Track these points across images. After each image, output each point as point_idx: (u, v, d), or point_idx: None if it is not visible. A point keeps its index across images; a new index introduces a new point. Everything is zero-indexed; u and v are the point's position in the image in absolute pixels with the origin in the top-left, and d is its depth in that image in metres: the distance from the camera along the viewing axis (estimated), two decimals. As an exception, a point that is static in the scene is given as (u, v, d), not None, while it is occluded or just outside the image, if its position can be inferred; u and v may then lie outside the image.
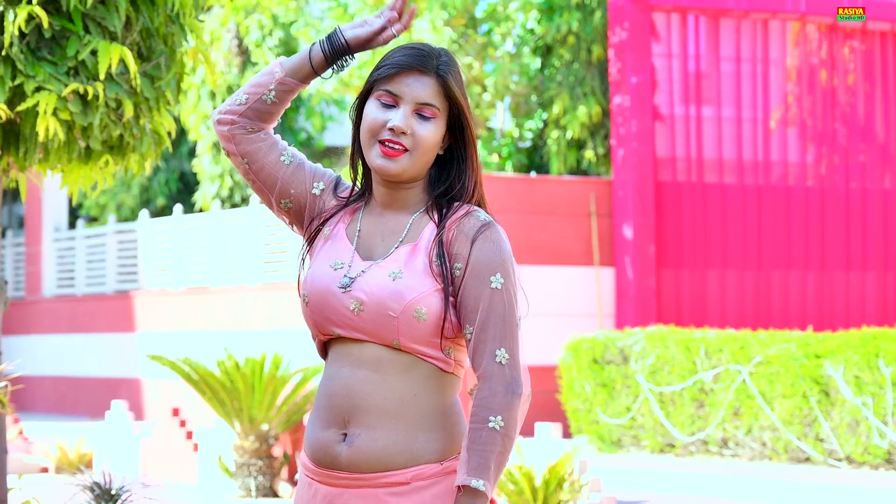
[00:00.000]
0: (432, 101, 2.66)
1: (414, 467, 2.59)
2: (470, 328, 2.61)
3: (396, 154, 2.64)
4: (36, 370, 20.12)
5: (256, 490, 10.49)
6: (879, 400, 11.03)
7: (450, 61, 2.70)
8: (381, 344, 2.61)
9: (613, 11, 15.76)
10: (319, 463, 2.65)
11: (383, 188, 2.71)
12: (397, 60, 2.67)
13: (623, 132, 15.72)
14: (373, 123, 2.66)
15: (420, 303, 2.60)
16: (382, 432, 2.59)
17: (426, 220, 2.69)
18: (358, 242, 2.70)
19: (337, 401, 2.63)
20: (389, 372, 2.61)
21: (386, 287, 2.61)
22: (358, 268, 2.66)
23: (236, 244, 17.26)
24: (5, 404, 5.47)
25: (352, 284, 2.63)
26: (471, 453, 2.53)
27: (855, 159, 16.61)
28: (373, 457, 2.59)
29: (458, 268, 2.63)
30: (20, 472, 11.49)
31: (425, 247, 2.65)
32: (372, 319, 2.61)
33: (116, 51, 5.15)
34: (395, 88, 2.66)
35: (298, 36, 17.28)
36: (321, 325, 2.67)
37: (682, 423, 12.40)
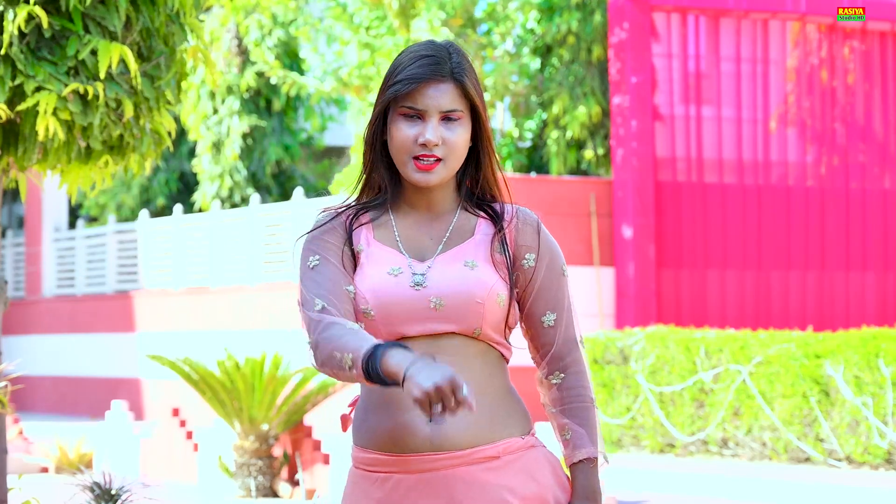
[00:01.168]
0: (456, 106, 2.68)
1: (501, 441, 2.65)
2: (552, 314, 2.74)
3: (432, 167, 2.67)
4: (36, 370, 20.12)
5: (256, 490, 10.49)
6: (879, 400, 11.03)
7: (462, 59, 2.71)
8: (459, 334, 2.65)
9: (613, 11, 15.76)
10: (402, 449, 2.62)
11: (418, 194, 2.73)
12: (412, 74, 2.67)
13: (623, 132, 15.72)
14: (404, 142, 2.67)
15: (499, 288, 2.67)
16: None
17: (472, 217, 2.75)
18: (402, 245, 2.71)
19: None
20: (467, 357, 2.65)
21: (467, 277, 2.65)
22: (421, 267, 2.68)
23: (236, 244, 17.26)
24: (5, 404, 5.47)
25: (425, 282, 2.65)
26: (587, 429, 2.71)
27: (855, 159, 16.62)
28: (465, 431, 2.62)
29: (532, 257, 2.72)
30: (20, 472, 11.49)
31: (484, 240, 2.71)
32: (456, 311, 2.64)
33: (116, 50, 5.15)
34: (418, 103, 2.67)
35: (298, 35, 17.28)
36: (390, 332, 2.65)
37: (682, 423, 12.40)
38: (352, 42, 16.58)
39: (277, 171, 20.62)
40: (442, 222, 2.73)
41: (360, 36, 16.49)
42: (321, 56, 17.13)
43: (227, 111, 19.89)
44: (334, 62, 16.90)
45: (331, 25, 16.85)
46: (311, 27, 17.07)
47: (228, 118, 19.90)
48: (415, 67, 2.67)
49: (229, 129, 19.87)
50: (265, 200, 19.86)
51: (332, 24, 16.83)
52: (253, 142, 20.10)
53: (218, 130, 19.94)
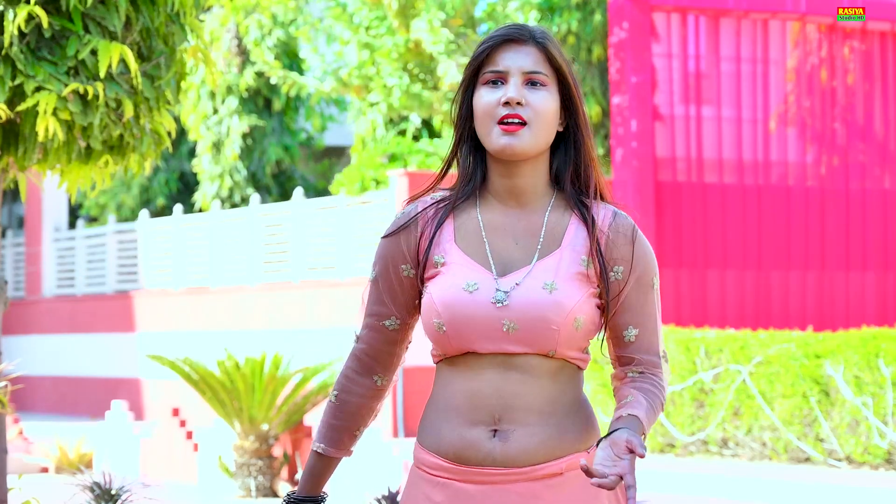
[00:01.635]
0: (539, 69, 2.59)
1: (565, 457, 2.61)
2: (634, 330, 2.65)
3: (517, 128, 2.56)
4: (36, 370, 20.11)
5: (256, 490, 10.49)
6: (879, 400, 11.03)
7: (546, 32, 2.64)
8: (533, 354, 2.59)
9: (613, 11, 15.76)
10: (465, 461, 2.59)
11: (506, 179, 2.62)
12: (492, 36, 2.61)
13: (623, 132, 15.72)
14: (486, 106, 2.58)
15: (578, 312, 2.58)
16: (537, 427, 2.58)
17: (565, 218, 2.63)
18: (492, 256, 2.61)
19: (484, 400, 2.58)
20: (540, 375, 2.59)
21: (545, 301, 2.56)
22: (506, 283, 2.58)
23: (236, 244, 17.25)
24: (5, 404, 5.47)
25: (506, 300, 2.57)
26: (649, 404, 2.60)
27: (855, 159, 16.62)
28: (530, 450, 2.58)
29: (621, 270, 2.62)
30: (20, 472, 11.48)
31: (574, 250, 2.61)
32: (529, 335, 2.57)
33: (117, 50, 5.15)
34: (500, 64, 2.59)
35: (298, 35, 17.28)
36: (461, 347, 2.60)
37: (682, 423, 12.40)
38: (351, 42, 16.58)
39: (277, 171, 20.62)
40: (532, 222, 2.62)
41: (360, 36, 16.49)
42: (321, 56, 17.13)
43: (227, 111, 19.90)
44: (334, 62, 16.91)
45: (330, 25, 16.85)
46: (311, 27, 17.07)
47: (228, 118, 19.90)
48: (494, 34, 2.62)
49: (229, 129, 19.87)
50: (265, 200, 19.86)
51: (331, 23, 16.83)
52: (253, 142, 20.10)
53: (218, 130, 19.95)
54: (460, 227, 2.64)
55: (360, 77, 16.50)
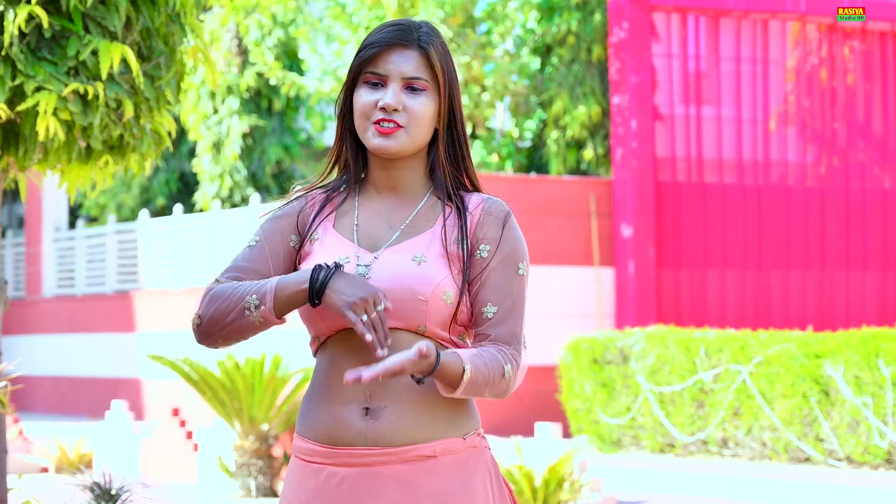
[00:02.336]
0: (419, 74, 2.64)
1: (439, 440, 2.60)
2: (493, 307, 2.64)
3: (391, 131, 2.62)
4: (36, 370, 20.11)
5: (256, 490, 10.49)
6: (879, 400, 11.03)
7: (431, 32, 2.67)
8: (404, 329, 2.60)
9: (613, 11, 15.76)
10: (336, 442, 2.60)
11: (384, 171, 2.69)
12: (377, 39, 2.65)
13: (623, 132, 15.72)
14: (364, 106, 2.65)
15: (446, 286, 2.61)
16: (408, 405, 2.59)
17: (438, 205, 2.69)
18: (358, 234, 2.67)
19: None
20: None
21: (413, 272, 2.60)
22: (368, 257, 2.64)
23: (236, 244, 17.26)
24: (5, 404, 5.47)
25: (368, 273, 2.61)
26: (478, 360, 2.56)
27: (855, 159, 16.62)
28: (401, 429, 2.58)
29: (487, 249, 2.65)
30: (20, 472, 11.49)
31: (442, 232, 2.65)
32: (398, 306, 2.59)
33: (118, 50, 5.15)
34: (381, 68, 2.64)
35: (297, 36, 17.28)
36: (332, 322, 2.62)
37: (682, 423, 12.40)
38: (351, 42, 16.58)
39: (277, 171, 20.62)
40: (405, 209, 2.68)
41: (360, 35, 16.49)
42: (320, 56, 17.13)
43: (227, 111, 19.90)
44: (333, 62, 16.90)
45: (330, 25, 16.85)
46: (311, 27, 17.07)
47: (228, 118, 19.90)
48: (380, 34, 2.66)
49: (229, 129, 19.88)
50: (265, 200, 19.86)
51: (331, 23, 16.83)
52: (253, 142, 20.10)
53: (218, 130, 19.95)
54: (340, 212, 2.72)
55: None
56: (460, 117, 2.71)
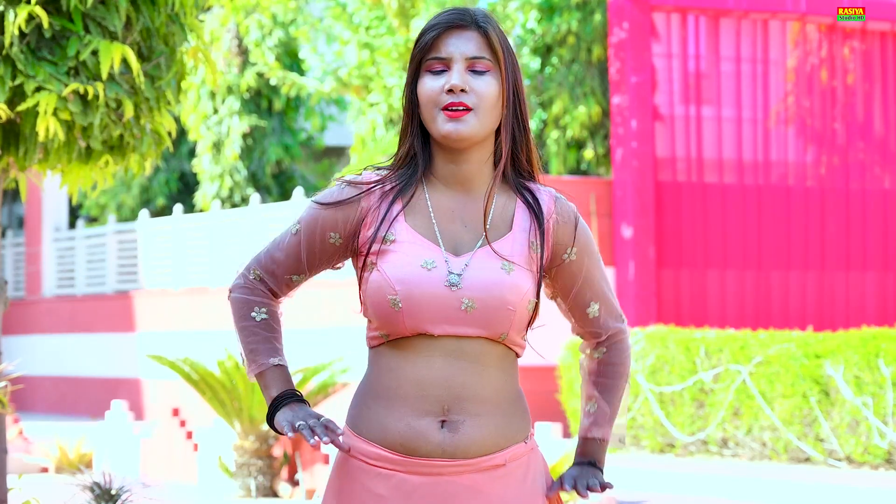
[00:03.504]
0: (482, 54, 2.60)
1: (508, 448, 2.63)
2: (595, 304, 2.72)
3: (461, 115, 2.58)
4: (36, 370, 20.12)
5: (256, 490, 10.49)
6: (879, 400, 11.03)
7: (487, 14, 2.65)
8: (485, 338, 2.59)
9: (613, 11, 15.76)
10: (410, 453, 2.58)
11: (453, 165, 2.63)
12: (435, 23, 2.62)
13: (623, 132, 15.72)
14: (430, 93, 2.59)
15: (531, 294, 2.62)
16: (485, 418, 2.59)
17: (511, 202, 2.66)
18: (441, 233, 2.62)
19: (433, 390, 2.57)
20: (489, 363, 2.60)
21: (503, 281, 2.58)
22: (458, 264, 2.59)
23: (236, 244, 17.26)
24: (5, 404, 5.47)
25: (461, 282, 2.57)
26: (611, 409, 2.76)
27: (855, 159, 16.62)
28: (478, 442, 2.59)
29: (573, 252, 2.67)
30: (20, 472, 11.48)
31: (523, 234, 2.64)
32: (486, 315, 2.57)
33: (118, 50, 5.15)
34: (442, 51, 2.60)
35: (297, 36, 17.29)
36: (414, 327, 2.58)
37: (682, 423, 12.40)
38: (351, 42, 16.58)
39: (277, 171, 20.62)
40: (479, 206, 2.63)
41: (360, 36, 16.49)
42: (321, 56, 17.14)
43: (227, 111, 19.90)
44: (334, 62, 16.91)
45: (330, 25, 16.85)
46: (311, 27, 17.07)
47: (228, 118, 19.90)
48: (436, 21, 2.63)
49: (229, 129, 19.88)
50: (265, 200, 19.86)
51: (331, 23, 16.83)
52: (253, 142, 20.10)
53: (218, 130, 19.95)
54: (409, 207, 2.64)
55: (359, 77, 16.50)
56: (524, 101, 2.68)
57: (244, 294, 2.73)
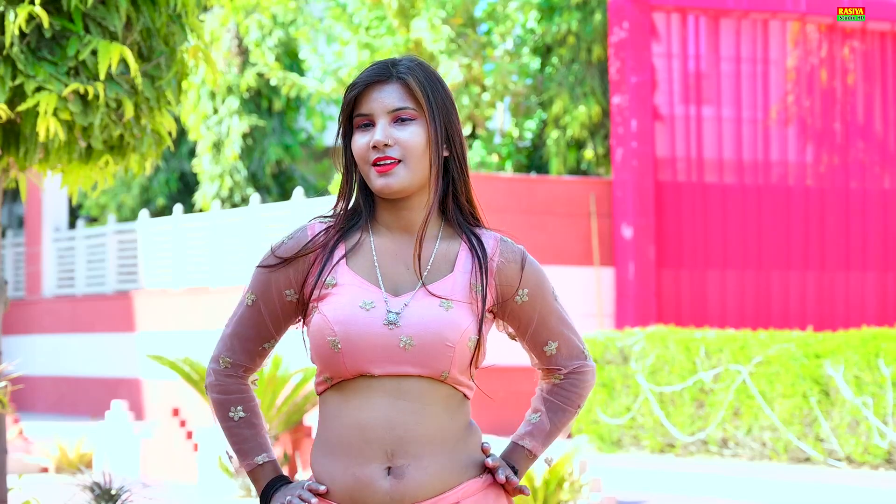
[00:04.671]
0: (404, 104, 2.62)
1: (461, 485, 2.62)
2: (553, 343, 2.73)
3: (389, 168, 2.60)
4: (36, 370, 20.11)
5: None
6: (879, 400, 11.03)
7: (411, 63, 2.65)
8: (426, 377, 2.59)
9: (613, 11, 15.76)
10: (358, 502, 2.59)
11: (394, 212, 2.66)
12: (356, 81, 2.65)
13: (623, 132, 15.72)
14: (359, 150, 2.62)
15: (471, 332, 2.61)
16: (429, 459, 2.59)
17: (455, 245, 2.67)
18: (382, 275, 2.63)
19: (375, 433, 2.58)
20: (431, 402, 2.60)
21: (441, 318, 2.59)
22: (397, 303, 2.60)
23: (236, 244, 17.26)
24: (5, 404, 5.47)
25: (399, 321, 2.58)
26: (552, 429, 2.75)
27: (855, 159, 16.62)
28: (426, 484, 2.58)
29: (525, 293, 2.68)
30: (20, 472, 11.48)
31: (464, 275, 2.64)
32: (425, 353, 2.57)
33: (117, 50, 5.15)
34: (364, 107, 2.63)
35: (298, 36, 17.29)
36: (355, 368, 2.59)
37: (682, 423, 12.40)
38: (351, 42, 16.58)
39: (277, 171, 20.62)
40: (423, 250, 2.64)
41: (360, 36, 16.50)
42: (321, 57, 17.14)
43: (227, 111, 19.90)
44: (334, 62, 16.91)
45: (330, 26, 16.85)
46: (311, 27, 17.07)
47: (228, 118, 19.90)
48: (359, 78, 2.65)
49: (229, 129, 19.88)
50: (265, 200, 19.86)
51: (331, 24, 16.83)
52: (253, 142, 20.11)
53: (218, 130, 19.95)
54: (352, 252, 2.66)
55: (360, 77, 16.50)
56: (460, 144, 2.67)
57: (218, 394, 2.75)
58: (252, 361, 2.75)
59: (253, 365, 2.76)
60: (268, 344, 2.74)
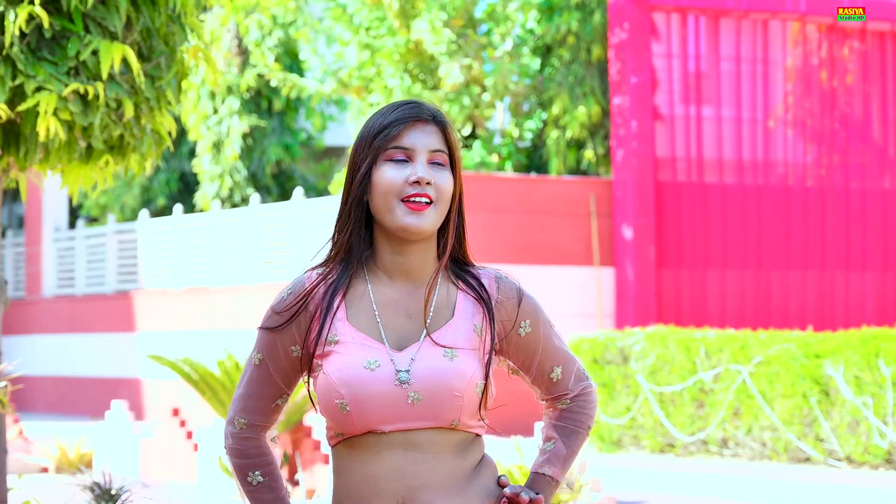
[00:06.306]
0: (441, 147, 2.61)
1: None
2: (558, 369, 2.73)
3: (424, 208, 2.56)
4: (36, 370, 20.12)
5: (256, 490, 10.49)
6: (879, 400, 11.03)
7: (439, 109, 2.66)
8: (435, 428, 2.59)
9: (613, 11, 15.76)
10: None
11: (399, 256, 2.62)
12: (398, 116, 2.60)
13: (623, 132, 15.72)
14: (392, 183, 2.56)
15: (478, 377, 2.60)
16: (444, 501, 2.59)
17: (452, 290, 2.65)
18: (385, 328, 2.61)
19: (386, 485, 2.58)
20: (442, 450, 2.60)
21: (447, 369, 2.57)
22: (404, 359, 2.58)
23: (236, 244, 17.26)
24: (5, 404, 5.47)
25: (410, 379, 2.56)
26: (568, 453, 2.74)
27: (854, 159, 16.62)
28: None
29: (528, 325, 2.68)
30: (20, 472, 11.49)
31: (465, 320, 2.62)
32: (433, 406, 2.56)
33: (118, 50, 5.15)
34: (405, 142, 2.58)
35: (298, 37, 17.29)
36: (364, 427, 2.59)
37: (682, 423, 12.40)
38: (352, 43, 16.58)
39: (277, 171, 20.63)
40: (420, 297, 2.61)
41: (360, 37, 16.50)
42: (321, 57, 17.14)
43: (228, 111, 19.91)
44: (334, 63, 16.91)
45: (330, 26, 16.86)
46: (311, 28, 17.07)
47: (228, 118, 19.91)
48: (397, 113, 2.61)
49: (229, 129, 19.88)
50: (265, 200, 19.87)
51: (331, 24, 16.84)
52: (253, 142, 20.11)
53: (218, 130, 19.95)
54: (351, 304, 2.63)
55: (360, 78, 16.50)
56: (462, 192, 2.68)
57: (236, 458, 2.81)
58: (267, 419, 2.78)
59: (268, 422, 2.79)
60: (280, 400, 2.75)
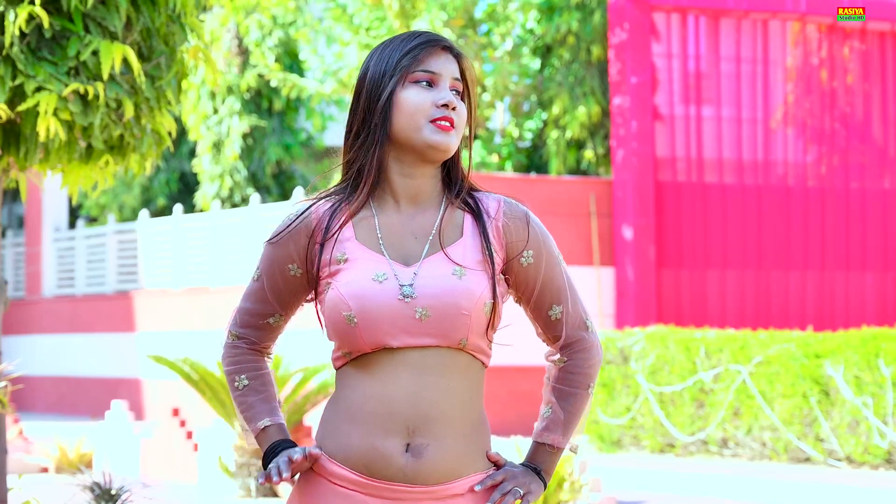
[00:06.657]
0: (461, 78, 2.67)
1: (468, 477, 2.62)
2: (557, 307, 2.70)
3: (451, 129, 2.61)
4: (36, 370, 20.12)
5: (256, 490, 10.49)
6: (879, 400, 11.03)
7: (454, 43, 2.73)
8: (445, 347, 2.59)
9: (613, 11, 15.76)
10: (372, 474, 2.59)
11: (408, 180, 2.65)
12: (423, 41, 2.65)
13: (623, 132, 15.72)
14: (420, 103, 2.60)
15: (486, 297, 2.60)
16: (449, 442, 2.59)
17: (458, 212, 2.67)
18: (385, 247, 2.63)
19: (399, 408, 2.57)
20: (454, 376, 2.60)
21: (455, 286, 2.58)
22: (407, 274, 2.60)
23: (236, 244, 17.27)
24: (5, 404, 5.47)
25: (415, 293, 2.57)
26: (567, 417, 2.72)
27: (855, 159, 16.62)
28: (440, 469, 2.58)
29: (530, 255, 2.68)
30: (20, 472, 11.48)
31: (474, 239, 2.64)
32: (441, 322, 2.57)
33: (119, 50, 5.15)
34: (433, 66, 2.63)
35: (298, 37, 17.29)
36: (373, 341, 2.59)
37: (682, 423, 12.40)
38: (352, 43, 16.58)
39: (277, 171, 20.63)
40: (427, 217, 2.65)
41: (360, 37, 16.50)
42: (321, 58, 17.14)
43: (228, 111, 19.90)
44: (334, 63, 16.91)
45: (330, 27, 16.86)
46: (311, 28, 17.08)
47: (228, 118, 19.91)
48: (420, 38, 2.65)
49: (229, 129, 19.88)
50: (265, 200, 19.87)
51: (331, 25, 16.84)
52: (253, 142, 20.11)
53: (218, 130, 19.96)
54: (358, 224, 2.66)
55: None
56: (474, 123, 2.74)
57: (226, 366, 2.80)
58: (259, 336, 2.77)
59: (260, 340, 2.77)
60: (272, 319, 2.75)
